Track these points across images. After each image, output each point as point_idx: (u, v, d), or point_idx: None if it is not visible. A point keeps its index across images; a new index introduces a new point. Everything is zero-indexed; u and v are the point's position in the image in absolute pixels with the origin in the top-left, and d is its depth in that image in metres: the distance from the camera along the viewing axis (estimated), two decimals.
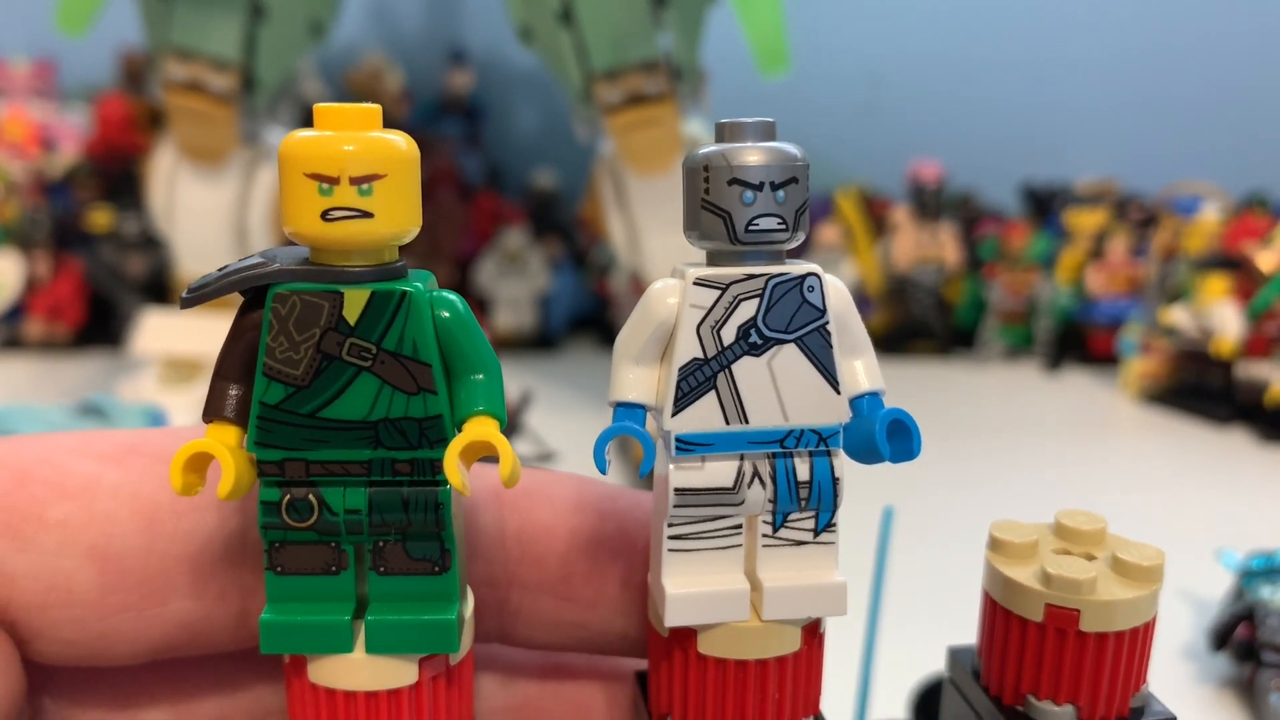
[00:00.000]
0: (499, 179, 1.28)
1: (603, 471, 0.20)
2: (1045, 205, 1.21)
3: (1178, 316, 0.93)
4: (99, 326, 1.06)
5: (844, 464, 0.21)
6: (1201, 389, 0.92)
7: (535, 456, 0.73)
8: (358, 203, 0.18)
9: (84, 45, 0.86)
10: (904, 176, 1.17)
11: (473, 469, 0.22)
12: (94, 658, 0.21)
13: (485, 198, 1.19)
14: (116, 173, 1.08)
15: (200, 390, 0.80)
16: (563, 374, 1.01)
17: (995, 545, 0.23)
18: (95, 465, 0.21)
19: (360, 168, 0.18)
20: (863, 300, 1.16)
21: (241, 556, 0.21)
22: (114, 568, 0.20)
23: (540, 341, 1.11)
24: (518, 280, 1.10)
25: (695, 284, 0.20)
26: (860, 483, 0.24)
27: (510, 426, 0.68)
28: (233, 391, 0.19)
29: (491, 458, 0.19)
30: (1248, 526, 0.66)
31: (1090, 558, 0.23)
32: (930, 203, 1.13)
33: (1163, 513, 0.70)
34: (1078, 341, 1.11)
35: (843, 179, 1.25)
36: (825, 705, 0.24)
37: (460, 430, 0.19)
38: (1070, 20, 1.34)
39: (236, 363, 0.19)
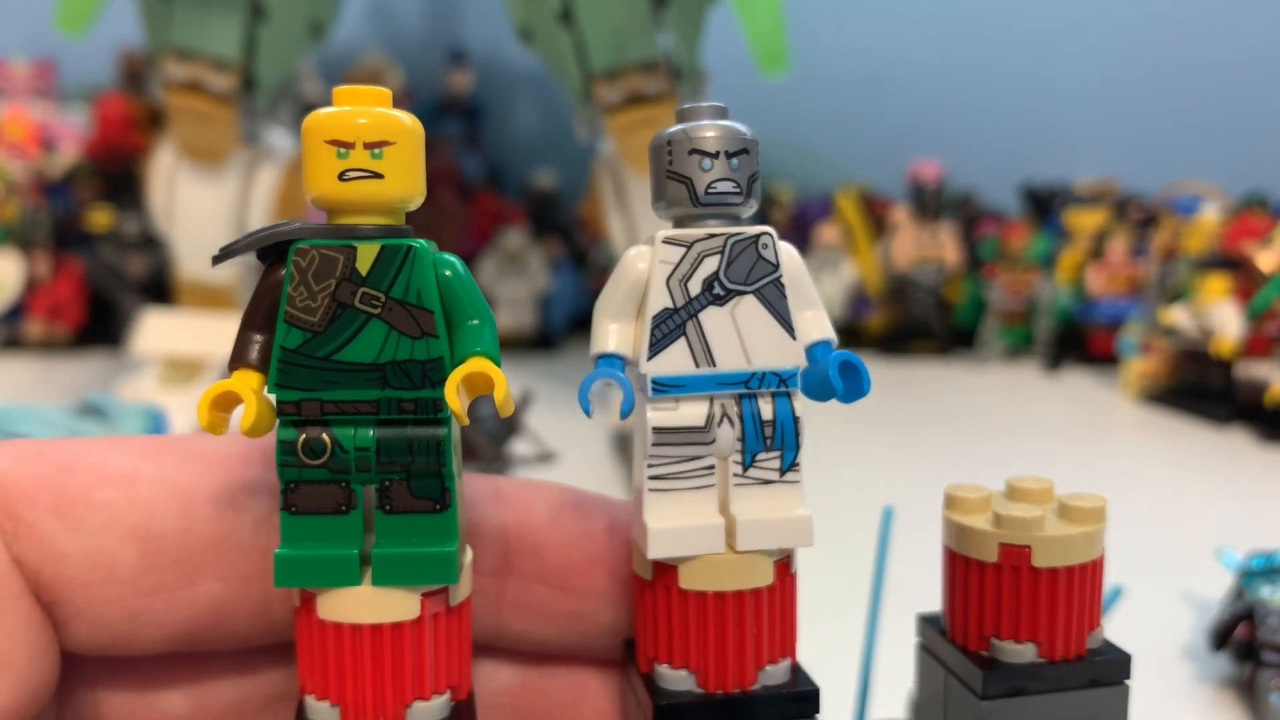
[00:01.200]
0: (499, 179, 1.28)
1: (587, 413, 0.22)
2: (1045, 205, 1.21)
3: (1178, 316, 0.93)
4: (99, 326, 1.06)
5: (804, 405, 0.24)
6: (1201, 389, 0.92)
7: (535, 456, 0.74)
8: (370, 164, 0.21)
9: (84, 45, 0.86)
10: (904, 176, 1.17)
11: (471, 478, 0.24)
12: (124, 642, 0.22)
13: (485, 198, 1.19)
14: (116, 173, 1.08)
15: (200, 390, 0.80)
16: (563, 374, 1.01)
17: (950, 503, 0.26)
18: (134, 459, 0.22)
19: (373, 134, 0.21)
20: (863, 300, 1.16)
21: (267, 543, 0.23)
22: (152, 548, 0.22)
23: (540, 341, 1.11)
24: (518, 280, 1.10)
25: (664, 242, 0.23)
26: (861, 482, 0.24)
27: (510, 426, 0.68)
28: (257, 340, 0.22)
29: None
30: (1248, 526, 0.66)
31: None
32: (930, 203, 1.13)
33: (1163, 513, 0.70)
34: (1078, 341, 1.11)
35: (843, 179, 1.25)
36: (825, 705, 0.24)
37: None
38: (1070, 20, 1.34)
39: (260, 316, 0.22)
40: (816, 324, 0.24)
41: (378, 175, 0.21)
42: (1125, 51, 1.35)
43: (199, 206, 0.80)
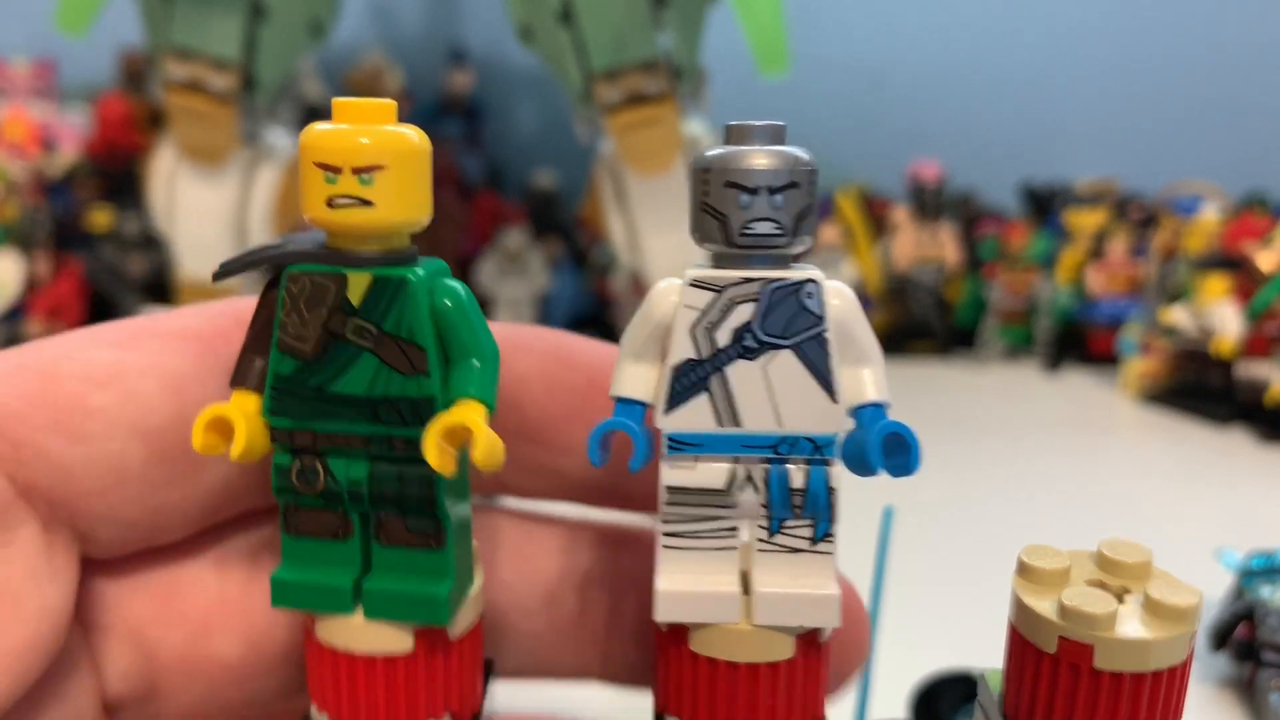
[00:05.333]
0: (499, 179, 1.28)
1: (596, 464, 0.20)
2: (1045, 205, 1.21)
3: (1178, 316, 0.93)
4: None
5: (841, 474, 0.21)
6: (1201, 389, 0.92)
7: None
8: (358, 191, 0.19)
9: (84, 45, 0.86)
10: (904, 176, 1.17)
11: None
12: (150, 536, 0.22)
13: (485, 198, 1.19)
14: (116, 173, 1.08)
15: None
16: None
17: (1022, 570, 0.22)
18: (114, 352, 0.22)
19: (362, 159, 0.19)
20: (863, 300, 1.16)
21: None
22: (156, 442, 0.21)
23: None
24: (518, 280, 1.10)
25: (691, 285, 0.20)
26: (860, 482, 0.24)
27: None
28: (257, 364, 0.21)
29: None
30: (1248, 526, 0.66)
31: (1126, 592, 0.22)
32: (930, 203, 1.13)
33: (1163, 513, 0.70)
34: (1078, 341, 1.11)
35: (843, 179, 1.25)
36: (826, 705, 0.24)
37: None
38: (1070, 20, 1.34)
39: (259, 336, 0.21)
40: (871, 383, 0.21)
41: (367, 203, 0.19)
42: (1125, 51, 1.35)
43: (199, 206, 0.80)
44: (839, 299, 0.21)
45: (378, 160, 0.19)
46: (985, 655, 0.25)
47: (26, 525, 0.20)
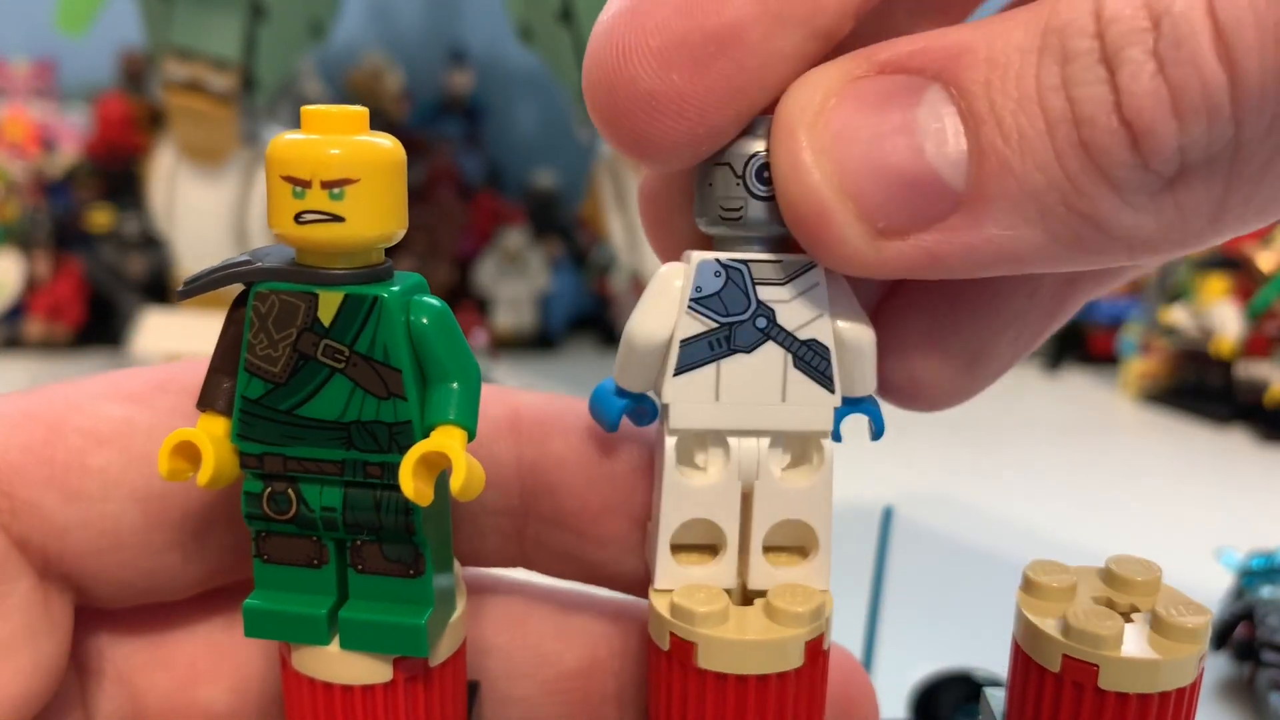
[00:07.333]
0: (499, 179, 1.28)
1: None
2: None
3: (1178, 316, 0.93)
4: (99, 326, 1.06)
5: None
6: (1201, 389, 0.92)
7: None
8: (329, 206, 0.18)
9: (84, 45, 0.86)
10: None
11: (486, 396, 0.21)
12: (148, 594, 0.22)
13: (485, 198, 1.19)
14: (116, 173, 1.08)
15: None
16: (563, 374, 1.01)
17: (1027, 586, 0.22)
18: (126, 408, 0.21)
19: (332, 172, 0.18)
20: None
21: None
22: (156, 508, 0.21)
23: (540, 341, 1.11)
24: (518, 280, 1.10)
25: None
26: (861, 482, 0.24)
27: None
28: (224, 385, 0.20)
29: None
30: (1248, 526, 0.66)
31: (1134, 609, 0.22)
32: None
33: (1163, 512, 0.70)
34: (1078, 341, 1.11)
35: None
36: None
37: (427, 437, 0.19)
38: None
39: (226, 355, 0.20)
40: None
41: (338, 218, 0.18)
42: None
43: (199, 206, 0.80)
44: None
45: (349, 173, 0.18)
46: (985, 656, 0.25)
47: (23, 579, 0.20)
